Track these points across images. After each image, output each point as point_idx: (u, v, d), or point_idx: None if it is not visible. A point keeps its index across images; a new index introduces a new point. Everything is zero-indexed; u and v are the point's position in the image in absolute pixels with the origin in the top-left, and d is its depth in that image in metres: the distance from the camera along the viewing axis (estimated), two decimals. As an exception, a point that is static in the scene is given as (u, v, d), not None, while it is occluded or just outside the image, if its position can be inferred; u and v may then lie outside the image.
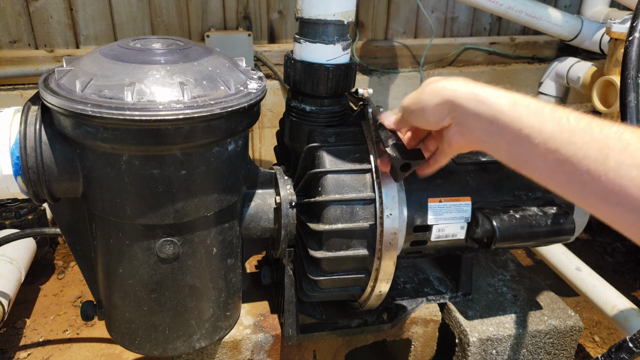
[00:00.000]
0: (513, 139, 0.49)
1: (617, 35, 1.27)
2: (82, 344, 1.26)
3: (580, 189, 0.44)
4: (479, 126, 0.53)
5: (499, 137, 0.51)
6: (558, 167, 0.45)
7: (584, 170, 0.43)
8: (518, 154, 0.50)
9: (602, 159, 0.42)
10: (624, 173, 0.40)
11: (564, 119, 0.45)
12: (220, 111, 0.64)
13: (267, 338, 0.95)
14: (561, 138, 0.45)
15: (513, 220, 0.85)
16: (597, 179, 0.42)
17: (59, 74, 0.68)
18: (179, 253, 0.74)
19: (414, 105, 0.61)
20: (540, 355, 1.04)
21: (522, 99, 0.50)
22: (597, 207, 0.44)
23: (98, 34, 1.58)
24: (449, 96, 0.55)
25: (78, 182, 0.71)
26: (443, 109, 0.56)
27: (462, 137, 0.57)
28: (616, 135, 0.42)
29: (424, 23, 1.86)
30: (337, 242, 0.82)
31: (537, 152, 0.47)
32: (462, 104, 0.54)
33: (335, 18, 0.83)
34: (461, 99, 0.54)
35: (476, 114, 0.52)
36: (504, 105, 0.50)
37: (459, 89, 0.54)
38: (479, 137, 0.54)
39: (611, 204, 0.42)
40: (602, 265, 1.70)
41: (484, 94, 0.52)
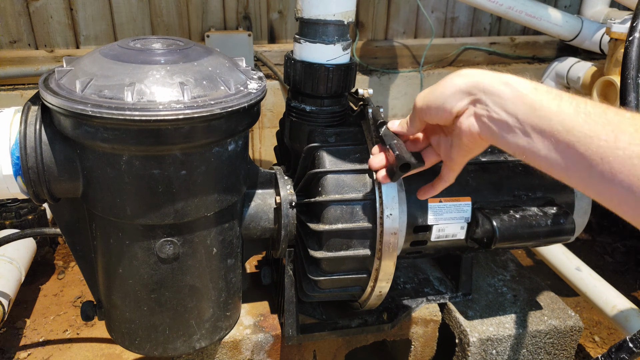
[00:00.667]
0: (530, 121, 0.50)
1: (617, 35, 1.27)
2: (82, 344, 1.26)
3: (587, 173, 0.45)
4: (498, 107, 0.53)
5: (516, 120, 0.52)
6: (569, 149, 0.47)
7: (594, 151, 0.44)
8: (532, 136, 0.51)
9: (613, 139, 0.43)
10: (632, 154, 0.42)
11: (582, 104, 0.47)
12: (220, 111, 0.64)
13: (267, 338, 0.95)
14: (576, 119, 0.46)
15: (513, 220, 0.85)
16: (605, 159, 0.43)
17: (59, 74, 0.68)
18: (179, 253, 0.74)
19: (432, 92, 0.61)
20: (540, 355, 1.04)
21: (543, 86, 0.52)
22: (603, 191, 0.45)
23: (98, 34, 1.58)
24: (474, 79, 0.56)
25: (78, 182, 0.71)
26: (463, 91, 0.57)
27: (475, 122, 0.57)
28: (629, 119, 0.44)
29: (424, 23, 1.86)
30: (337, 242, 0.82)
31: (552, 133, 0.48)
32: (486, 86, 0.55)
33: (335, 18, 0.83)
34: (486, 81, 0.55)
35: (499, 94, 0.53)
36: (527, 88, 0.52)
37: (484, 74, 0.56)
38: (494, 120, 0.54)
39: (617, 186, 0.43)
40: (602, 265, 1.70)
41: (508, 77, 0.54)
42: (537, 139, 0.50)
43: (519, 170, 0.93)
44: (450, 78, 0.59)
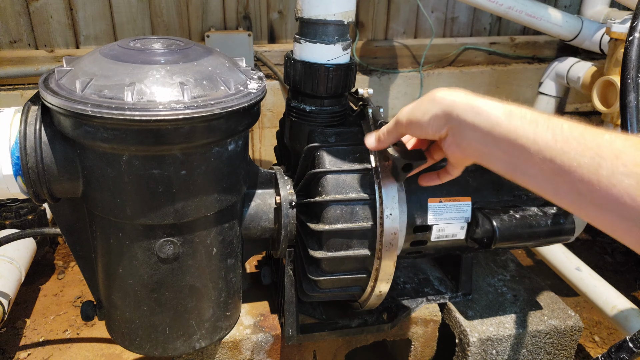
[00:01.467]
0: (509, 149, 0.50)
1: (617, 35, 1.27)
2: (82, 344, 1.26)
3: (577, 198, 0.45)
4: (476, 137, 0.53)
5: (495, 148, 0.51)
6: (554, 177, 0.46)
7: (579, 180, 0.43)
8: (514, 164, 0.50)
9: (595, 167, 0.42)
10: (616, 182, 0.41)
11: (558, 129, 0.46)
12: (220, 111, 0.64)
13: (267, 338, 0.95)
14: (555, 147, 0.45)
15: (513, 220, 0.85)
16: (591, 188, 0.43)
17: (59, 74, 0.68)
18: (179, 253, 0.74)
19: (413, 114, 0.61)
20: (540, 355, 1.04)
21: (518, 110, 0.50)
22: (594, 216, 0.44)
23: (98, 34, 1.58)
24: (447, 106, 0.56)
25: (78, 182, 0.71)
26: (440, 119, 0.57)
27: (458, 148, 0.57)
28: (608, 143, 0.43)
29: (424, 23, 1.86)
30: (337, 242, 0.82)
31: (533, 161, 0.47)
32: (459, 115, 0.54)
33: (336, 18, 0.83)
34: (459, 109, 0.54)
35: (473, 124, 0.53)
36: (500, 116, 0.51)
37: (457, 100, 0.55)
38: (475, 148, 0.54)
39: (606, 211, 0.42)
40: (602, 265, 1.70)
41: (481, 105, 0.53)
42: (520, 166, 0.49)
43: (519, 170, 0.93)
44: (428, 102, 0.59)
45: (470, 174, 0.90)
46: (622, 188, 0.40)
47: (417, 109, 0.60)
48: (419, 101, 0.61)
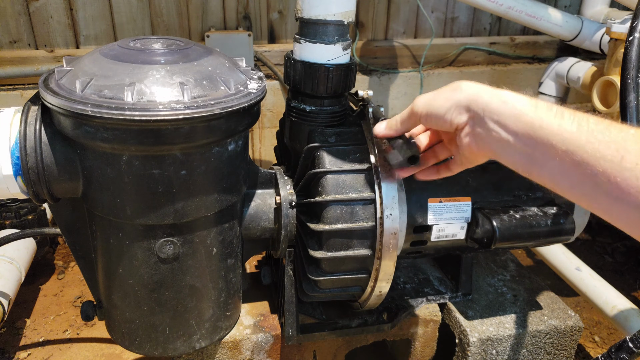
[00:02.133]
0: (530, 141, 0.49)
1: (617, 35, 1.27)
2: (82, 344, 1.26)
3: (593, 191, 0.45)
4: (497, 126, 0.52)
5: (516, 139, 0.51)
6: (573, 169, 0.46)
7: (600, 172, 0.43)
8: (532, 157, 0.50)
9: (619, 159, 0.42)
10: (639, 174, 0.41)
11: (584, 122, 0.46)
12: (220, 111, 0.64)
13: (267, 338, 0.95)
14: (580, 139, 0.45)
15: (513, 220, 0.85)
16: (612, 180, 0.43)
17: (59, 74, 0.68)
18: (179, 253, 0.74)
19: (432, 103, 0.60)
20: (540, 355, 1.04)
21: (544, 103, 0.50)
22: (610, 209, 0.45)
23: (98, 34, 1.58)
24: (472, 94, 0.55)
25: (78, 182, 0.71)
26: (462, 107, 0.56)
27: (475, 139, 0.56)
28: (634, 137, 0.43)
29: (424, 23, 1.86)
30: (337, 242, 0.82)
31: (554, 153, 0.47)
32: (484, 103, 0.54)
33: (335, 18, 0.83)
34: (484, 97, 0.54)
35: (498, 113, 0.52)
36: (526, 106, 0.51)
37: (482, 90, 0.55)
38: (494, 139, 0.53)
39: (625, 204, 0.43)
40: (602, 265, 1.70)
41: (508, 96, 0.53)
42: (539, 158, 0.49)
43: (519, 170, 0.93)
44: (451, 90, 0.58)
45: (470, 174, 0.90)
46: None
47: (437, 97, 0.59)
48: (439, 90, 0.60)
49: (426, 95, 0.61)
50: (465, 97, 0.56)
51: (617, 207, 0.43)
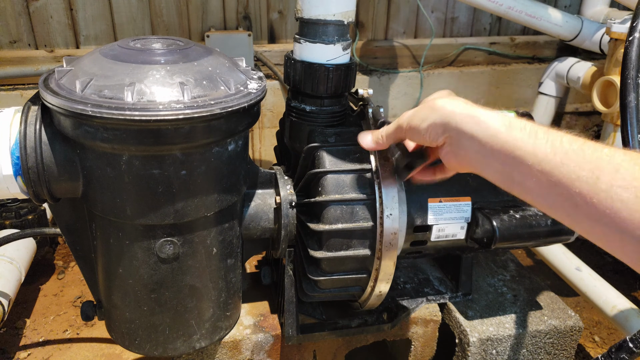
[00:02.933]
0: (507, 160, 0.49)
1: (617, 35, 1.27)
2: (82, 344, 1.26)
3: (573, 212, 0.45)
4: (473, 147, 0.53)
5: (492, 159, 0.51)
6: (551, 189, 0.46)
7: (576, 192, 0.43)
8: (511, 176, 0.50)
9: (594, 180, 0.42)
10: (614, 195, 0.41)
11: (557, 142, 0.46)
12: (220, 111, 0.64)
13: (267, 338, 0.95)
14: (554, 160, 0.45)
15: (513, 220, 0.85)
16: (589, 201, 0.43)
17: (59, 74, 0.68)
18: (179, 253, 0.74)
19: (412, 120, 0.61)
20: (540, 355, 1.04)
21: (518, 122, 0.50)
22: (590, 230, 0.44)
23: (98, 34, 1.58)
24: (446, 116, 0.55)
25: (78, 182, 0.71)
26: (438, 128, 0.57)
27: (454, 157, 0.57)
28: (608, 157, 0.43)
29: (424, 23, 1.86)
30: (337, 242, 0.82)
31: (531, 173, 0.47)
32: (458, 124, 0.54)
33: (335, 18, 0.83)
34: (457, 119, 0.54)
35: (471, 134, 0.53)
36: (499, 127, 0.50)
37: (457, 109, 0.55)
38: (472, 158, 0.54)
39: (602, 225, 0.42)
40: (602, 265, 1.70)
41: (481, 115, 0.52)
42: (517, 177, 0.49)
43: (519, 170, 0.93)
44: (428, 109, 0.58)
45: (470, 174, 0.90)
46: (619, 202, 0.41)
47: (416, 116, 0.60)
48: (419, 107, 0.60)
49: (409, 112, 0.62)
50: (440, 118, 0.56)
51: (597, 228, 0.43)
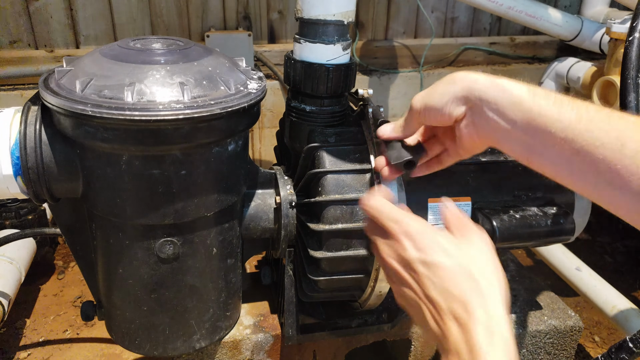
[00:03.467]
0: (529, 129, 0.48)
1: (617, 35, 1.27)
2: (82, 344, 1.26)
3: (595, 180, 0.44)
4: (496, 115, 0.51)
5: (515, 127, 0.50)
6: (573, 157, 0.45)
7: (600, 159, 0.43)
8: (532, 145, 0.49)
9: (619, 147, 0.42)
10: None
11: (583, 109, 0.45)
12: (220, 111, 0.64)
13: (267, 338, 0.95)
14: (579, 127, 0.44)
15: (513, 220, 0.85)
16: (612, 168, 0.42)
17: (59, 74, 0.68)
18: (178, 253, 0.74)
19: (429, 97, 0.58)
20: (540, 355, 1.04)
21: (542, 90, 0.49)
22: (611, 198, 0.44)
23: (98, 34, 1.58)
24: (469, 85, 0.54)
25: (78, 182, 0.71)
26: (460, 99, 0.55)
27: (475, 129, 0.55)
28: (634, 125, 0.42)
29: (424, 23, 1.86)
30: (337, 242, 0.82)
31: (554, 141, 0.46)
32: (482, 92, 0.52)
33: (335, 18, 0.83)
34: (481, 87, 0.53)
35: (495, 101, 0.51)
36: (524, 93, 0.49)
37: (479, 78, 0.54)
38: (493, 128, 0.52)
39: (625, 193, 0.42)
40: (602, 265, 1.70)
41: (505, 83, 0.51)
42: (538, 146, 0.48)
43: (519, 170, 0.93)
44: (446, 83, 0.57)
45: (470, 174, 0.90)
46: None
47: (433, 92, 0.57)
48: (434, 85, 0.58)
49: (422, 92, 0.60)
50: (461, 89, 0.54)
51: (619, 196, 0.43)
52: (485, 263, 0.49)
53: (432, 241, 0.51)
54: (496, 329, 0.44)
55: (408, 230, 0.53)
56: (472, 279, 0.47)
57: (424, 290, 0.49)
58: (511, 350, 0.43)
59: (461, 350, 0.44)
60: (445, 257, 0.49)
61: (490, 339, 0.43)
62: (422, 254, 0.50)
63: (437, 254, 0.49)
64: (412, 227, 0.53)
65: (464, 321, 0.45)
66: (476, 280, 0.47)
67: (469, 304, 0.45)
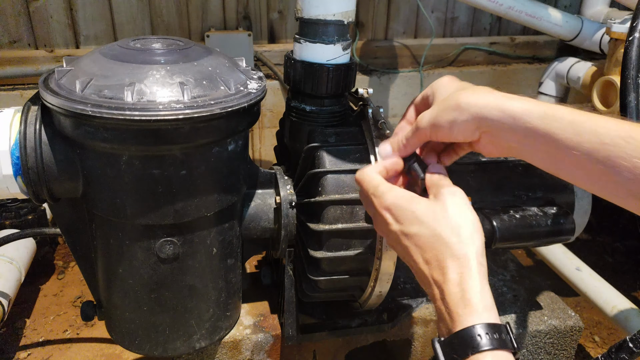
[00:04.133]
0: (551, 152, 0.49)
1: (617, 35, 1.27)
2: (82, 344, 1.26)
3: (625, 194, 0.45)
4: (514, 139, 0.51)
5: (536, 149, 0.50)
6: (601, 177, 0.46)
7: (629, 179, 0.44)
8: (558, 165, 0.49)
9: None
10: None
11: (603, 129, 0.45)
12: (220, 111, 0.64)
13: (267, 338, 0.95)
14: (602, 150, 0.45)
15: (513, 220, 0.85)
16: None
17: (59, 74, 0.68)
18: (178, 253, 0.74)
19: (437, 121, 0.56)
20: (540, 355, 1.04)
21: (552, 110, 0.48)
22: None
23: (98, 34, 1.58)
24: (477, 113, 0.52)
25: (78, 182, 0.71)
26: (471, 126, 0.53)
27: (495, 148, 0.54)
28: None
29: (424, 23, 1.86)
30: (337, 242, 0.82)
31: (579, 163, 0.47)
32: (493, 120, 0.51)
33: (335, 18, 0.83)
34: (491, 116, 0.51)
35: (510, 129, 0.51)
36: (535, 119, 0.49)
37: (487, 104, 0.52)
38: (514, 148, 0.52)
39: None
40: (602, 265, 1.70)
41: (513, 108, 0.50)
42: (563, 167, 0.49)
43: (519, 170, 0.93)
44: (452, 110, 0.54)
45: (470, 174, 0.90)
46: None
47: (441, 117, 0.55)
48: (442, 107, 0.55)
49: (427, 114, 0.57)
50: (471, 117, 0.53)
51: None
52: (456, 223, 0.52)
53: (408, 212, 0.54)
54: (468, 287, 0.48)
55: (386, 204, 0.56)
56: (445, 245, 0.51)
57: (413, 260, 0.54)
58: (485, 300, 0.48)
59: (442, 311, 0.49)
60: (421, 227, 0.53)
61: (463, 296, 0.48)
62: (401, 226, 0.54)
63: (413, 225, 0.53)
64: (389, 200, 0.56)
65: (441, 285, 0.50)
66: (449, 244, 0.51)
67: (445, 269, 0.50)
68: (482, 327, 0.46)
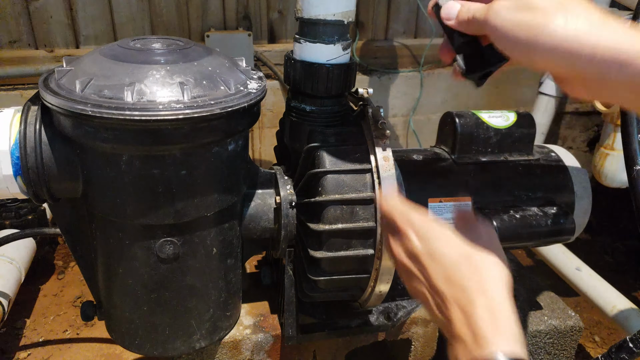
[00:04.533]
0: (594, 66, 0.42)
1: (617, 35, 1.26)
2: (82, 344, 1.26)
3: None
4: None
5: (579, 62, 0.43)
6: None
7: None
8: (603, 81, 0.42)
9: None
10: None
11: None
12: (220, 111, 0.64)
13: (267, 338, 0.95)
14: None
15: (513, 220, 0.85)
16: None
17: (59, 74, 0.68)
18: (179, 253, 0.74)
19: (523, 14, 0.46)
20: (540, 355, 1.04)
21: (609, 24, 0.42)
22: None
23: (98, 34, 1.58)
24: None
25: (78, 182, 0.71)
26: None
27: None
28: None
29: (424, 23, 1.86)
30: (337, 242, 0.82)
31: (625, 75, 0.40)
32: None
33: (335, 18, 0.83)
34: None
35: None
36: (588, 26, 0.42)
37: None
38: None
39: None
40: (602, 265, 1.70)
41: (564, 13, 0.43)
42: (607, 82, 0.42)
43: (519, 170, 0.93)
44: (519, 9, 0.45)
45: (470, 174, 0.90)
46: None
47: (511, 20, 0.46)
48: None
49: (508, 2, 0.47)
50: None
51: None
52: (487, 252, 0.49)
53: (435, 231, 0.52)
54: (498, 313, 0.45)
55: (412, 221, 0.54)
56: (473, 267, 0.48)
57: (429, 282, 0.50)
58: (515, 331, 0.44)
59: (465, 335, 0.45)
60: (448, 247, 0.50)
61: (493, 322, 0.44)
62: (425, 243, 0.51)
63: (439, 244, 0.50)
64: (416, 218, 0.54)
65: (466, 307, 0.46)
66: (478, 268, 0.48)
67: (470, 291, 0.46)
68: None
